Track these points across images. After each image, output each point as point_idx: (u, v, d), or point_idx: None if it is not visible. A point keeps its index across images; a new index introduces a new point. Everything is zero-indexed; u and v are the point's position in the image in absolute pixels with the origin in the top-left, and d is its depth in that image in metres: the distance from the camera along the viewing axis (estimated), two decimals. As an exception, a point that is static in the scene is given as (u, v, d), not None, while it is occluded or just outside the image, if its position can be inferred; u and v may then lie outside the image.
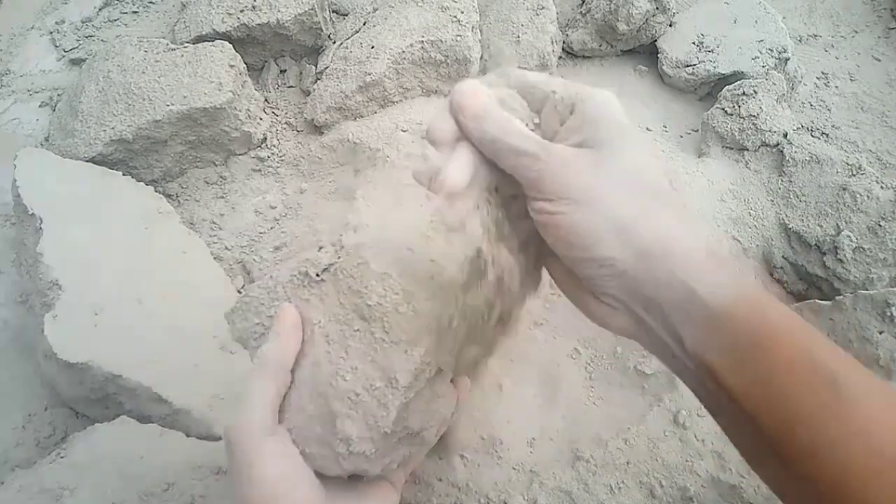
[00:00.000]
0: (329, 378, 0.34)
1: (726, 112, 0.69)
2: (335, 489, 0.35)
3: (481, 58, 0.77)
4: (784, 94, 0.70)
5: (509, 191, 0.36)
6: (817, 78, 0.82)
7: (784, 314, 0.28)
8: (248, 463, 0.33)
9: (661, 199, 0.30)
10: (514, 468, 0.53)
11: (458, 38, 0.71)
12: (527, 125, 0.35)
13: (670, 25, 0.82)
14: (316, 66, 0.77)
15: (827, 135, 0.76)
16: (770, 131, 0.67)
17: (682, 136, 0.76)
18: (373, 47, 0.72)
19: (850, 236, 0.59)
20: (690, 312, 0.28)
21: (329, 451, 0.34)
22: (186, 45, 0.71)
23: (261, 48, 0.77)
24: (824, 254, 0.60)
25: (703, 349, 0.28)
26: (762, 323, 0.27)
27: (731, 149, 0.69)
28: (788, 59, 0.76)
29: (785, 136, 0.67)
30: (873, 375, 0.27)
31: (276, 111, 0.77)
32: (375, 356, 0.33)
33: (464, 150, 0.35)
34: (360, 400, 0.33)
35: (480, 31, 0.77)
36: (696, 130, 0.76)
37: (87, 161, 0.65)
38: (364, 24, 0.77)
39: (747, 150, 0.68)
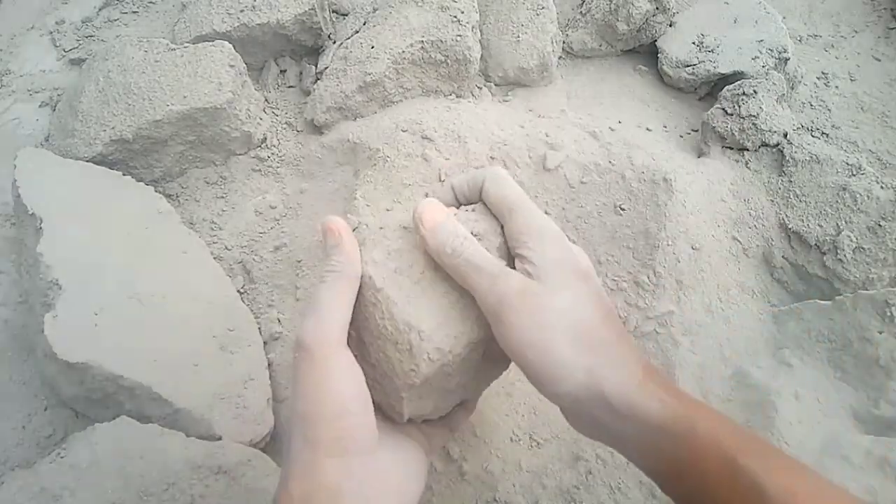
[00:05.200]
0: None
1: (726, 112, 0.69)
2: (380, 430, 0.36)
3: (481, 58, 0.77)
4: (784, 94, 0.70)
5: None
6: (817, 78, 0.82)
7: (711, 426, 0.31)
8: (322, 375, 0.32)
9: (594, 343, 0.33)
10: (514, 468, 0.53)
11: (458, 38, 0.71)
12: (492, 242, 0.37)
13: (670, 25, 0.82)
14: (316, 66, 0.77)
15: (827, 135, 0.76)
16: (770, 131, 0.67)
17: (682, 136, 0.76)
18: (373, 47, 0.72)
19: (850, 236, 0.59)
20: (628, 433, 0.32)
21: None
22: (186, 45, 0.71)
23: (261, 48, 0.77)
24: (824, 254, 0.60)
25: (644, 463, 0.33)
26: (690, 438, 0.30)
27: (731, 149, 0.69)
28: (788, 59, 0.76)
29: (785, 136, 0.67)
30: (797, 466, 0.30)
31: (276, 111, 0.77)
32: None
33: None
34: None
35: (480, 31, 0.77)
36: (696, 130, 0.76)
37: (87, 161, 0.65)
38: (364, 24, 0.77)
39: (747, 150, 0.68)
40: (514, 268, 0.35)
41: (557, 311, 0.33)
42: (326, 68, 0.74)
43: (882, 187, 0.60)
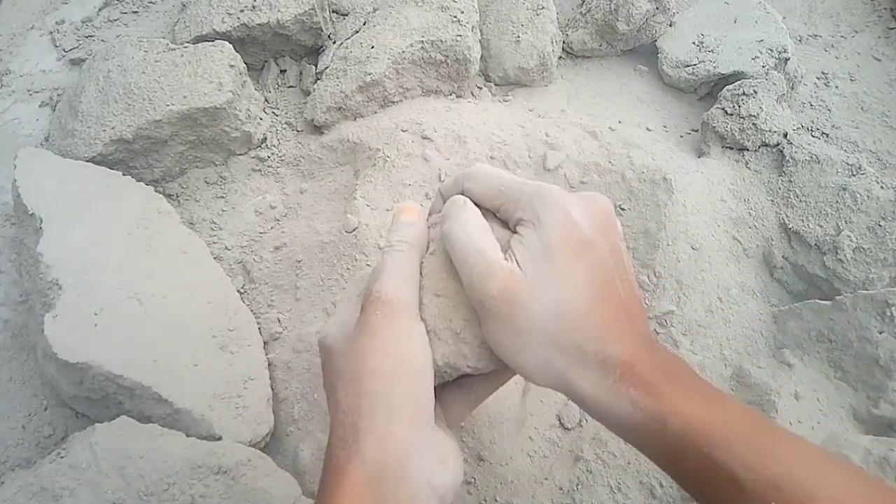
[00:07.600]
0: None
1: (726, 112, 0.69)
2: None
3: (481, 58, 0.77)
4: (784, 94, 0.70)
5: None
6: (817, 78, 0.82)
7: (683, 421, 0.30)
8: (405, 334, 0.32)
9: (570, 345, 0.32)
10: (514, 469, 0.53)
11: (458, 38, 0.71)
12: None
13: (670, 25, 0.82)
14: (316, 66, 0.77)
15: (827, 135, 0.76)
16: (770, 131, 0.67)
17: (682, 136, 0.76)
18: (373, 47, 0.72)
19: (850, 236, 0.59)
20: (609, 426, 0.33)
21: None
22: (186, 45, 0.71)
23: (261, 48, 0.78)
24: (824, 254, 0.60)
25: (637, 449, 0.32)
26: (661, 438, 0.30)
27: (731, 149, 0.69)
28: (788, 59, 0.76)
29: (785, 136, 0.67)
30: (789, 448, 0.28)
31: (276, 111, 0.77)
32: None
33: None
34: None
35: (480, 31, 0.77)
36: (696, 130, 0.76)
37: (87, 161, 0.65)
38: (364, 24, 0.77)
39: (747, 150, 0.68)
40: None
41: (535, 314, 0.32)
42: (326, 68, 0.74)
43: (882, 187, 0.60)
